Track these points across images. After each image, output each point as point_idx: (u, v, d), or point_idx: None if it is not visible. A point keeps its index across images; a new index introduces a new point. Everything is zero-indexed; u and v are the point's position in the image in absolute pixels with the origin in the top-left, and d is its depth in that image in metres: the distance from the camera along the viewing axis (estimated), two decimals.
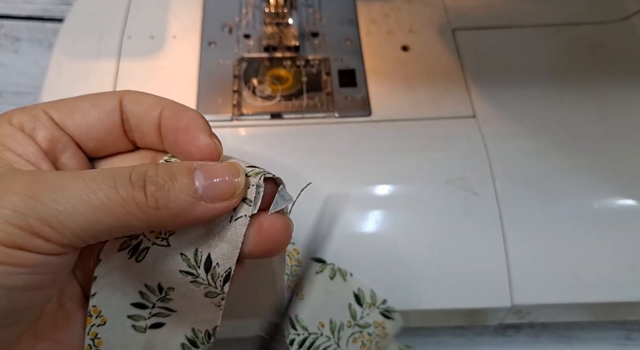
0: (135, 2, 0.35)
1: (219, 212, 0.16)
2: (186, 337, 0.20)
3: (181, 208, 0.16)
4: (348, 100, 0.32)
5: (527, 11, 0.35)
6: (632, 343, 0.32)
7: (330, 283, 0.25)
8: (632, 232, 0.28)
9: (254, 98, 0.32)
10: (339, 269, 0.26)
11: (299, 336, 0.23)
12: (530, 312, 0.28)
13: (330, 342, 0.24)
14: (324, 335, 0.24)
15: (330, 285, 0.25)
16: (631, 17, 0.35)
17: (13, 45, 0.42)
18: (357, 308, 0.26)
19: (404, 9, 0.36)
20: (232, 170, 0.17)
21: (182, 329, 0.20)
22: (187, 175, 0.16)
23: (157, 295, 0.19)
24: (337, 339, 0.25)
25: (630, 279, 0.27)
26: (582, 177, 0.29)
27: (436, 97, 0.32)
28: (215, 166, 0.17)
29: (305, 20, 0.35)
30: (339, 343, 0.25)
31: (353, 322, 0.25)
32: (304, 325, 0.24)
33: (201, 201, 0.16)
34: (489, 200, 0.28)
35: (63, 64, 0.32)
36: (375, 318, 0.26)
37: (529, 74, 0.33)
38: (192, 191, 0.16)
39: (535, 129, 0.30)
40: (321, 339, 0.24)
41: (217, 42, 0.34)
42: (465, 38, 0.34)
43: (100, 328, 0.18)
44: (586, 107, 0.31)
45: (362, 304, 0.26)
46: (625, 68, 0.33)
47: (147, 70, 0.32)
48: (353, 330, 0.25)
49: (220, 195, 0.16)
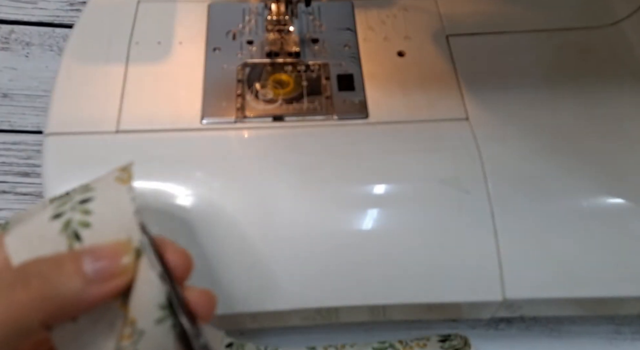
0: (143, 9, 0.35)
1: (113, 292, 0.16)
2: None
3: (72, 295, 0.15)
4: (346, 104, 0.32)
5: (519, 17, 0.36)
6: (621, 337, 0.32)
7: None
8: (620, 229, 0.28)
9: (256, 101, 0.32)
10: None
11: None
12: (522, 306, 0.29)
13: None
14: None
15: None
16: (620, 23, 0.35)
17: (24, 50, 0.43)
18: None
19: (400, 16, 0.36)
20: (118, 246, 0.17)
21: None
22: (74, 261, 0.16)
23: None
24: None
25: (619, 275, 0.28)
26: (572, 177, 0.29)
27: (431, 101, 0.32)
28: (102, 246, 0.17)
29: (306, 27, 0.36)
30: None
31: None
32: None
33: (92, 285, 0.16)
34: (481, 199, 0.28)
35: (73, 69, 0.32)
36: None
37: (520, 77, 0.33)
38: (80, 276, 0.16)
39: (526, 131, 0.31)
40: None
41: (222, 48, 0.34)
42: (459, 44, 0.34)
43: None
44: (576, 109, 0.32)
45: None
46: (614, 72, 0.33)
47: (154, 75, 0.32)
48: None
49: (111, 273, 0.16)
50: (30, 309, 0.15)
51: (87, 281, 0.16)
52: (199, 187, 0.28)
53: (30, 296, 0.15)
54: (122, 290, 0.17)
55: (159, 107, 0.31)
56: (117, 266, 0.17)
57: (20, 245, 0.18)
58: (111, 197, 0.19)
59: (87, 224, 0.18)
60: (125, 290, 0.17)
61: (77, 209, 0.18)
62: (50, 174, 0.29)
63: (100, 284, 0.16)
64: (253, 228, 0.27)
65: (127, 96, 0.31)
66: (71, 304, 0.16)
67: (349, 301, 0.27)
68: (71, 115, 0.31)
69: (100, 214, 0.18)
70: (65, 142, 0.30)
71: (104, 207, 0.18)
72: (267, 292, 0.27)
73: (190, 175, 0.28)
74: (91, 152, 0.29)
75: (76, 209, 0.18)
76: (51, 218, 0.18)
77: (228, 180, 0.29)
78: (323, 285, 0.27)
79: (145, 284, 0.18)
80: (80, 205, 0.18)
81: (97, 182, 0.20)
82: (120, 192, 0.19)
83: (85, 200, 0.19)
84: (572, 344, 0.32)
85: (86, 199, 0.19)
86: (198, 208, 0.28)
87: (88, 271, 0.16)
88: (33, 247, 0.17)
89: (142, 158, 0.29)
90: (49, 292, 0.15)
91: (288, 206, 0.28)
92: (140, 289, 0.18)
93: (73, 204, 0.19)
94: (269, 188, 0.28)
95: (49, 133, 0.30)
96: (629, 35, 0.35)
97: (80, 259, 0.16)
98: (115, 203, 0.19)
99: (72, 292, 0.16)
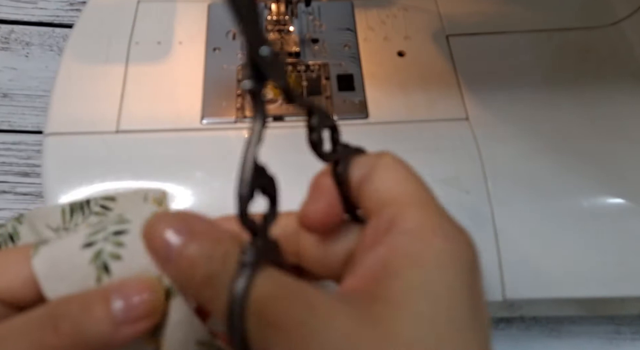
0: (143, 9, 0.35)
1: (144, 331, 0.16)
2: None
3: (102, 339, 0.15)
4: (346, 104, 0.32)
5: (519, 17, 0.36)
6: (621, 337, 0.32)
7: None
8: (620, 229, 0.28)
9: None
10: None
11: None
12: (522, 306, 0.29)
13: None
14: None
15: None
16: (620, 23, 0.35)
17: (24, 50, 0.43)
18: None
19: (400, 16, 0.36)
20: (148, 285, 0.16)
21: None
22: (103, 302, 0.15)
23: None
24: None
25: (619, 275, 0.28)
26: (572, 177, 0.29)
27: (430, 101, 0.32)
28: (131, 285, 0.16)
29: (306, 27, 0.36)
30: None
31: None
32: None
33: (122, 326, 0.15)
34: (481, 199, 0.28)
35: (73, 68, 0.32)
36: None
37: (520, 77, 0.33)
38: (109, 319, 0.15)
39: (526, 131, 0.31)
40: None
41: (222, 48, 0.34)
42: (459, 44, 0.35)
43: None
44: (575, 109, 0.32)
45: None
46: (613, 72, 0.33)
47: (154, 75, 0.32)
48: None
49: (140, 314, 0.16)
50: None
51: (116, 324, 0.15)
52: (199, 187, 0.28)
53: (61, 341, 0.15)
54: (151, 329, 0.16)
55: (159, 107, 0.31)
56: (146, 307, 0.16)
57: (49, 269, 0.17)
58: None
59: (118, 257, 0.18)
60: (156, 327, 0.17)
61: (110, 240, 0.18)
62: (50, 174, 0.29)
63: (129, 326, 0.16)
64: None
65: (127, 96, 0.32)
66: (100, 347, 0.15)
67: None
68: (71, 115, 0.31)
69: (132, 248, 0.18)
70: (65, 142, 0.30)
71: (138, 241, 0.18)
72: None
73: (190, 175, 0.28)
74: (91, 152, 0.29)
75: (109, 240, 0.18)
76: (82, 246, 0.18)
77: (228, 180, 0.29)
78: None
79: (181, 321, 0.17)
80: (113, 237, 0.18)
81: (132, 212, 0.19)
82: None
83: (119, 232, 0.18)
84: (572, 344, 0.32)
85: (120, 230, 0.18)
86: (198, 208, 0.28)
87: (117, 313, 0.15)
88: (62, 273, 0.17)
89: (142, 158, 0.29)
90: (79, 337, 0.15)
91: (288, 206, 0.28)
92: (174, 326, 0.17)
93: (106, 235, 0.18)
94: None
95: (49, 133, 0.30)
96: (629, 35, 0.35)
97: (108, 300, 0.16)
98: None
99: (102, 336, 0.15)
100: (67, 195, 0.28)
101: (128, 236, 0.18)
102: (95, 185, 0.28)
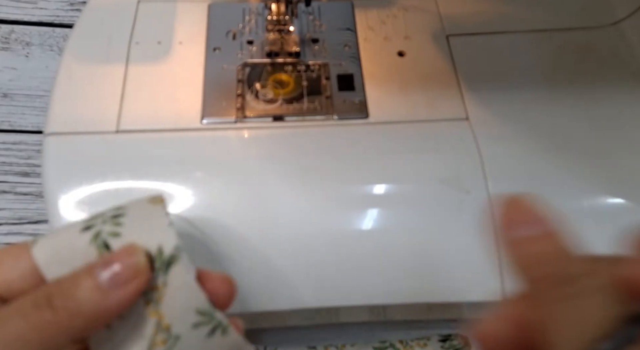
0: (143, 9, 0.35)
1: (133, 293, 0.17)
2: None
3: (95, 306, 0.16)
4: (346, 104, 0.32)
5: (519, 17, 0.36)
6: None
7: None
8: (620, 230, 0.28)
9: (256, 101, 0.32)
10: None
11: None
12: None
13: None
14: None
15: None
16: (620, 23, 0.35)
17: (24, 50, 0.43)
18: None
19: (400, 16, 0.36)
20: (129, 252, 0.17)
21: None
22: (89, 275, 0.17)
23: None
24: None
25: None
26: (571, 176, 0.29)
27: (431, 101, 0.32)
28: (112, 255, 0.17)
29: (306, 27, 0.36)
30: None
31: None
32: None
33: (110, 292, 0.16)
34: (481, 199, 0.28)
35: (73, 68, 0.32)
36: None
37: (520, 77, 0.33)
38: (97, 287, 0.16)
39: (526, 131, 0.31)
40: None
41: (222, 48, 0.34)
42: (459, 44, 0.35)
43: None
44: (575, 109, 0.32)
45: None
46: (613, 72, 0.33)
47: (154, 75, 0.32)
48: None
49: (125, 278, 0.17)
50: (59, 328, 0.16)
51: (104, 291, 0.17)
52: (199, 187, 0.28)
53: (57, 316, 0.16)
54: (142, 290, 0.17)
55: (159, 107, 0.31)
56: (129, 270, 0.17)
57: (50, 257, 0.18)
58: (143, 212, 0.19)
59: (117, 234, 0.18)
60: (156, 296, 0.18)
61: (108, 221, 0.19)
62: (50, 174, 0.29)
63: (117, 290, 0.17)
64: (253, 228, 0.27)
65: (127, 96, 0.32)
66: (96, 316, 0.17)
67: (349, 301, 0.27)
68: (71, 115, 0.31)
69: (130, 226, 0.19)
70: (65, 142, 0.30)
71: (135, 220, 0.19)
72: (267, 292, 0.27)
73: (190, 175, 0.28)
74: (91, 152, 0.29)
75: (107, 222, 0.19)
76: (81, 230, 0.19)
77: (228, 180, 0.29)
78: (323, 285, 0.27)
79: (181, 289, 0.18)
80: (111, 219, 0.19)
81: (129, 203, 0.20)
82: (152, 210, 0.20)
83: (116, 216, 0.19)
84: None
85: (118, 214, 0.19)
86: (198, 208, 0.28)
87: (103, 282, 0.17)
88: (63, 259, 0.18)
89: (142, 158, 0.29)
90: (73, 310, 0.16)
91: (288, 206, 0.28)
92: (175, 294, 0.18)
93: (104, 218, 0.19)
94: (269, 188, 0.28)
95: (49, 133, 0.30)
96: (629, 35, 0.35)
97: (93, 272, 0.17)
98: (146, 217, 0.19)
99: (94, 305, 0.16)
100: (67, 195, 0.28)
101: (125, 218, 0.19)
102: (95, 185, 0.28)
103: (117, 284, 0.17)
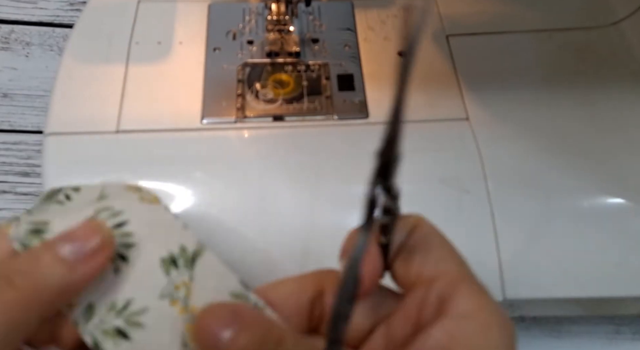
0: (143, 9, 0.35)
1: (103, 262, 0.17)
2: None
3: (61, 280, 0.16)
4: (347, 104, 0.32)
5: (518, 17, 0.36)
6: (621, 337, 0.32)
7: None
8: (620, 229, 0.28)
9: (257, 101, 0.32)
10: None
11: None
12: (522, 306, 0.29)
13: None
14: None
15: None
16: (620, 23, 0.35)
17: (24, 50, 0.43)
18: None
19: (400, 16, 0.36)
20: (90, 225, 0.17)
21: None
22: (48, 251, 0.16)
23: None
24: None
25: (619, 275, 0.28)
26: (571, 176, 0.29)
27: (431, 101, 0.32)
28: (73, 229, 0.17)
29: (306, 27, 0.36)
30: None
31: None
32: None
33: (77, 265, 0.16)
34: (481, 199, 0.28)
35: (73, 68, 0.32)
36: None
37: (520, 77, 0.33)
38: (60, 262, 0.16)
39: (526, 131, 0.31)
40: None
41: (222, 48, 0.34)
42: (459, 44, 0.35)
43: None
44: (575, 109, 0.32)
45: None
46: (613, 72, 0.33)
47: (155, 75, 0.32)
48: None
49: (90, 250, 0.16)
50: (23, 306, 0.15)
51: (70, 264, 0.16)
52: (199, 187, 0.28)
53: (20, 293, 0.15)
54: (110, 259, 0.17)
55: (159, 107, 0.31)
56: (95, 242, 0.17)
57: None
58: (145, 216, 0.19)
59: (130, 245, 0.18)
60: (183, 293, 0.17)
61: (115, 234, 0.18)
62: (50, 174, 0.29)
63: (85, 263, 0.16)
64: (253, 228, 0.27)
65: (127, 96, 0.32)
66: (63, 290, 0.16)
67: None
68: (71, 115, 0.31)
69: (141, 234, 0.18)
70: (65, 142, 0.30)
71: (143, 226, 0.18)
72: None
73: (190, 175, 0.28)
74: (91, 152, 0.29)
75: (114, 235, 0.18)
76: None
77: (228, 180, 0.29)
78: None
79: (211, 276, 0.18)
80: (117, 230, 0.18)
81: (120, 203, 0.19)
82: (154, 211, 0.19)
83: (120, 224, 0.18)
84: (572, 344, 0.32)
85: (120, 223, 0.18)
86: (198, 208, 0.28)
87: (67, 255, 0.16)
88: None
89: (142, 158, 0.29)
90: (36, 286, 0.16)
91: (288, 206, 0.28)
92: (205, 283, 0.18)
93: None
94: (269, 188, 0.28)
95: (49, 133, 0.30)
96: (629, 35, 0.35)
97: (54, 247, 0.16)
98: (155, 222, 0.19)
99: (59, 279, 0.16)
100: None
101: (130, 226, 0.18)
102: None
103: (84, 257, 0.16)
